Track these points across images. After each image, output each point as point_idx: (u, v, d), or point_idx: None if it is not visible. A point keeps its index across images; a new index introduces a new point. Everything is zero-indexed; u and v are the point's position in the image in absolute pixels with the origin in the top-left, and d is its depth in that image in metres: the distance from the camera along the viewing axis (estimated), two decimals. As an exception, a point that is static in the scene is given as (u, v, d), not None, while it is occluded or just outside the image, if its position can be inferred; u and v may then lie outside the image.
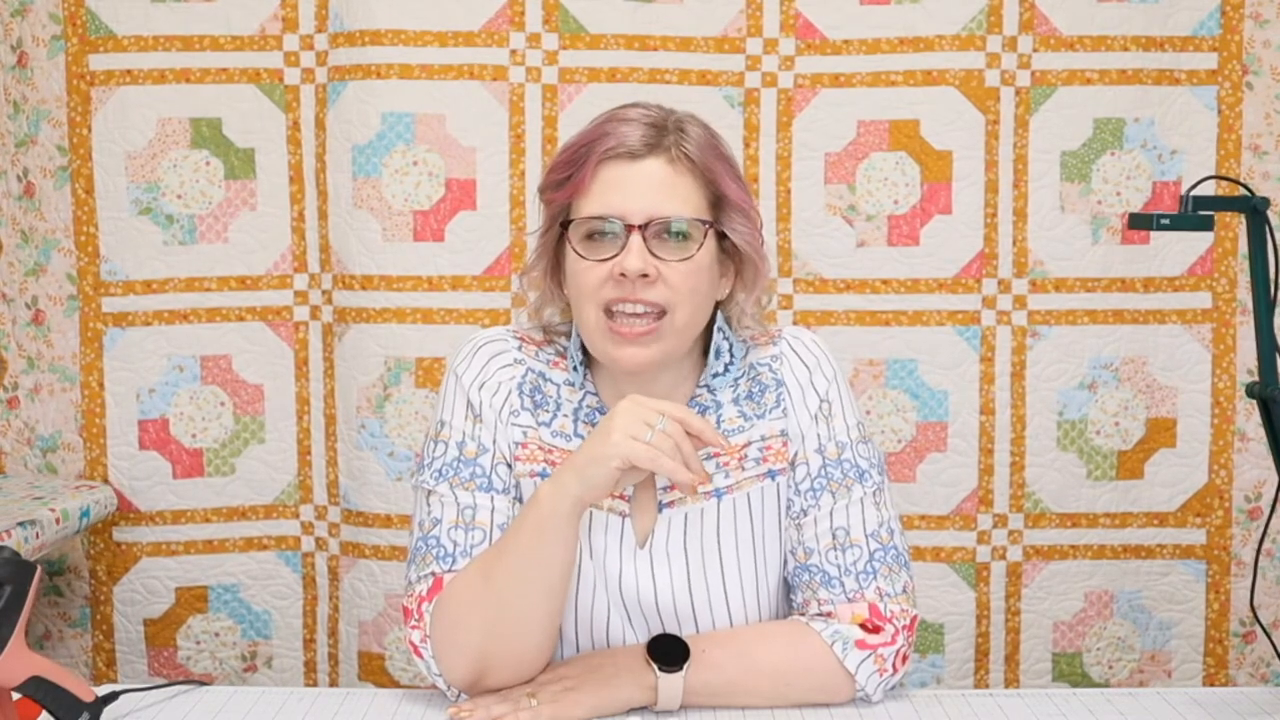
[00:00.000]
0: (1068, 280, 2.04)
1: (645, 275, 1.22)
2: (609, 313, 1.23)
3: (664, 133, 1.26)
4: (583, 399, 1.32)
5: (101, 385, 2.07)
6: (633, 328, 1.23)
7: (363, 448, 2.06)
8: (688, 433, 1.19)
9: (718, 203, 1.27)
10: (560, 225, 1.27)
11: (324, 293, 2.08)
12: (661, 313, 1.23)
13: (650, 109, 1.28)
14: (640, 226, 1.22)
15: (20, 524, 1.75)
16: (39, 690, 1.13)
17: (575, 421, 1.32)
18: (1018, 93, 2.02)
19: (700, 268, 1.25)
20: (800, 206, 2.05)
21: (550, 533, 1.20)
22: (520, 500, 1.31)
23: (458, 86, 2.02)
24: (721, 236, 1.28)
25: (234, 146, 2.07)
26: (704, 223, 1.25)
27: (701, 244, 1.25)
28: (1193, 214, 1.26)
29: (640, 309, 1.23)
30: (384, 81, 2.00)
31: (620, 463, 1.17)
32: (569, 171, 1.26)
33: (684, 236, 1.24)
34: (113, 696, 1.23)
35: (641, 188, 1.24)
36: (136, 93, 2.04)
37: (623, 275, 1.22)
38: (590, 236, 1.25)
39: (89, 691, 1.16)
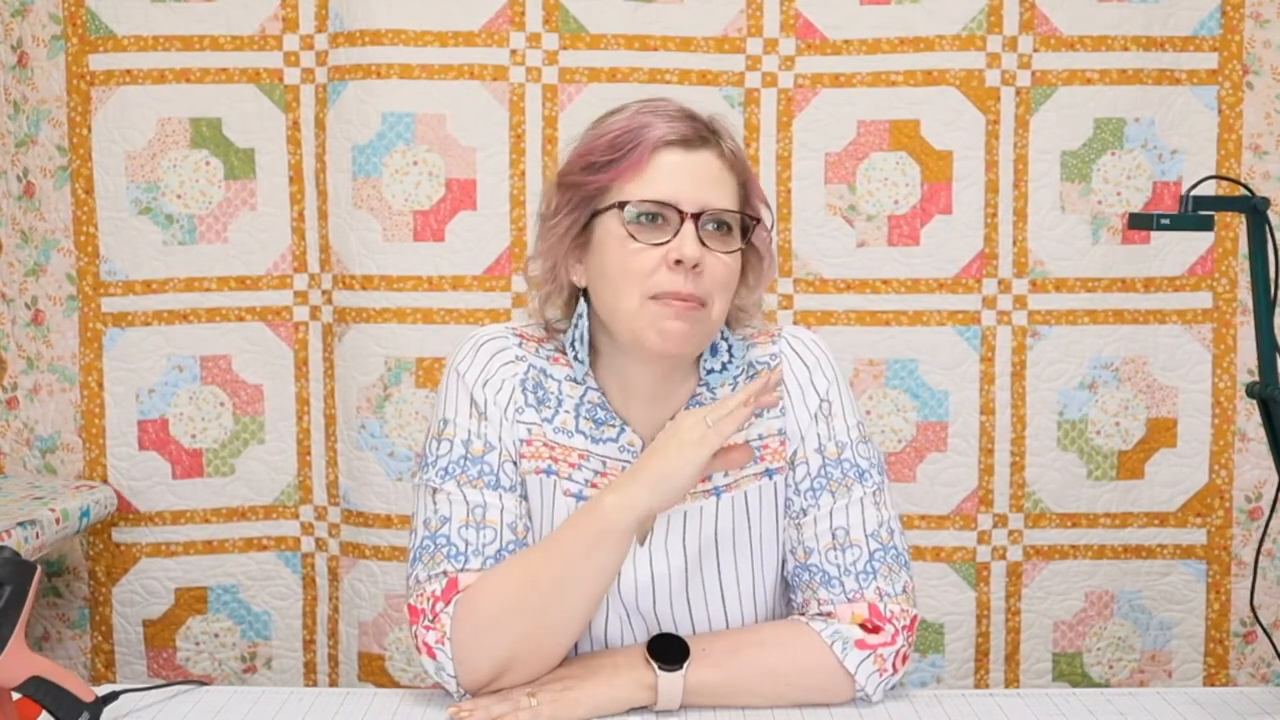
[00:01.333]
0: (1068, 280, 2.04)
1: (696, 265, 1.22)
2: (654, 299, 1.23)
3: (710, 129, 1.28)
4: (584, 394, 1.32)
5: (101, 385, 2.07)
6: (681, 304, 1.23)
7: (363, 448, 2.06)
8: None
9: (746, 201, 1.29)
10: (616, 205, 1.25)
11: (324, 293, 2.08)
12: (702, 303, 1.24)
13: (682, 105, 1.29)
14: (694, 215, 1.23)
15: (20, 524, 1.75)
16: (39, 690, 1.13)
17: (576, 418, 1.32)
18: (1018, 93, 2.02)
19: (734, 261, 1.26)
20: (800, 206, 2.05)
21: (610, 541, 1.20)
22: (526, 498, 1.31)
23: (458, 86, 2.02)
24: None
25: (234, 146, 2.07)
26: (748, 218, 1.27)
27: (743, 239, 1.26)
28: (1193, 214, 1.26)
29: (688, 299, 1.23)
30: (384, 81, 2.00)
31: (707, 455, 1.20)
32: (615, 155, 1.25)
33: (728, 229, 1.25)
34: (113, 696, 1.23)
35: (698, 177, 1.25)
36: (136, 93, 2.04)
37: (678, 262, 1.21)
38: (640, 220, 1.24)
39: (89, 691, 1.16)
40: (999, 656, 2.08)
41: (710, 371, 1.32)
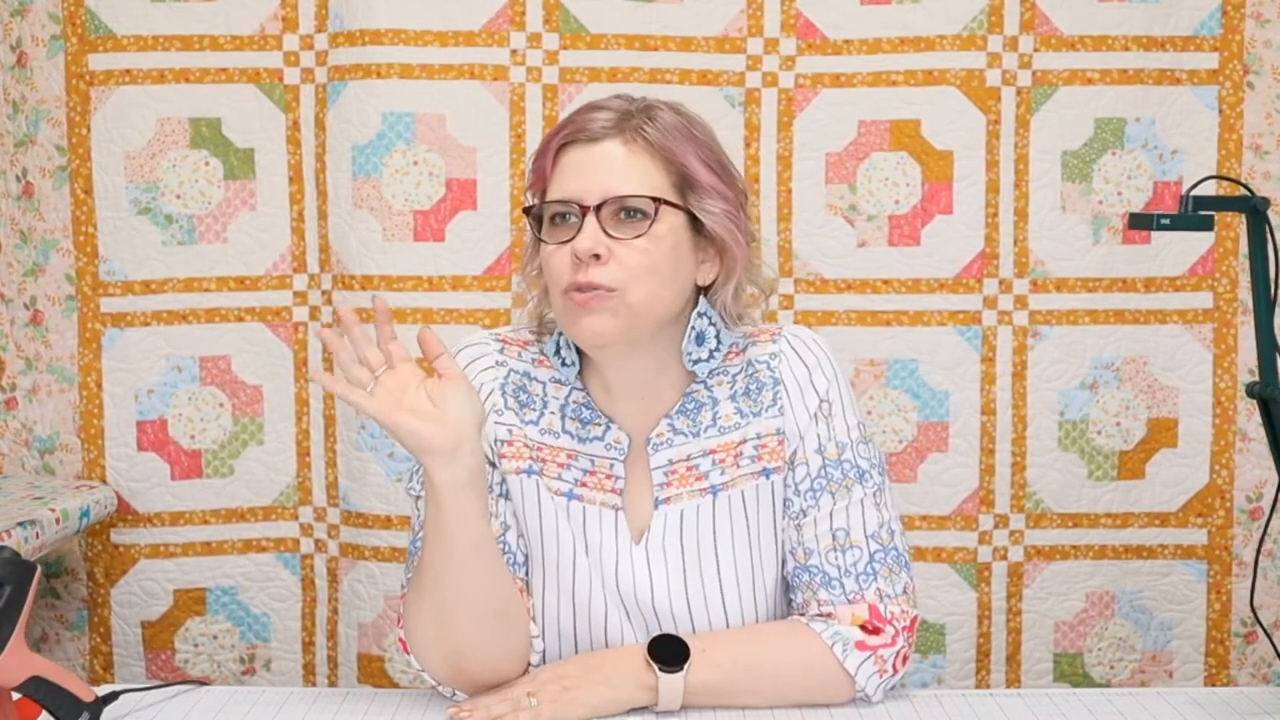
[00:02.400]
0: (1069, 280, 2.04)
1: (597, 256, 1.22)
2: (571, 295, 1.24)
3: (628, 117, 1.27)
4: (569, 395, 1.32)
5: (100, 386, 2.07)
6: (585, 294, 1.23)
7: (362, 449, 2.06)
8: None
9: (684, 184, 1.27)
10: (523, 211, 1.29)
11: (323, 293, 2.08)
12: (610, 290, 1.23)
13: (626, 98, 1.30)
14: (595, 208, 1.23)
15: (20, 524, 1.74)
16: (39, 690, 1.13)
17: (563, 418, 1.32)
18: (1019, 92, 2.02)
19: (655, 245, 1.24)
20: (801, 206, 2.04)
21: (441, 509, 1.19)
22: (506, 497, 1.31)
23: (458, 86, 2.02)
24: (698, 220, 1.28)
25: (233, 146, 2.06)
26: (656, 200, 1.25)
27: (652, 220, 1.24)
28: (1193, 214, 1.26)
29: (593, 289, 1.23)
30: (384, 81, 2.00)
31: (392, 414, 1.18)
32: (537, 165, 1.29)
33: (639, 215, 1.24)
34: (113, 696, 1.22)
35: (596, 169, 1.25)
36: (136, 92, 2.04)
37: (578, 258, 1.23)
38: (553, 221, 1.26)
39: (89, 691, 1.16)
40: (1000, 657, 2.08)
41: (696, 361, 1.31)
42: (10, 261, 2.07)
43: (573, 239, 1.23)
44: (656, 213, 1.24)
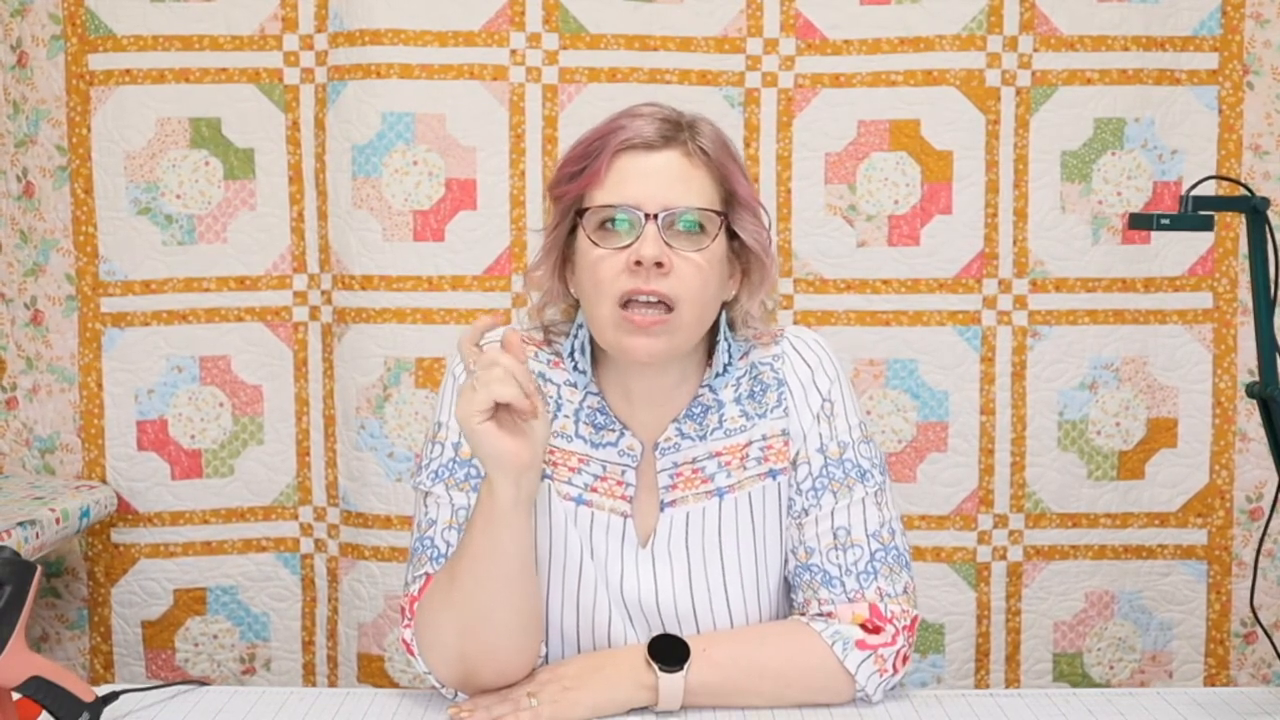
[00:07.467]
0: (1068, 280, 2.04)
1: (660, 264, 1.21)
2: (624, 304, 1.22)
3: (679, 128, 1.26)
4: (584, 399, 1.32)
5: (100, 386, 2.07)
6: (645, 316, 1.22)
7: (362, 448, 2.06)
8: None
9: (729, 200, 1.27)
10: (575, 214, 1.26)
11: (323, 293, 2.08)
12: (671, 307, 1.22)
13: (663, 107, 1.29)
14: (655, 216, 1.22)
15: (20, 524, 1.74)
16: (39, 690, 1.13)
17: (576, 422, 1.32)
18: (1018, 93, 2.02)
19: (712, 261, 1.24)
20: (800, 206, 2.05)
21: (499, 526, 1.18)
22: None
23: (458, 86, 2.02)
24: (731, 236, 1.28)
25: (233, 146, 2.06)
26: (719, 214, 1.25)
27: (715, 236, 1.24)
28: (1193, 214, 1.26)
29: (654, 299, 1.22)
30: (384, 81, 2.00)
31: (478, 419, 1.14)
32: (583, 164, 1.26)
33: (698, 228, 1.24)
34: (113, 696, 1.22)
35: (658, 178, 1.23)
36: (136, 92, 2.04)
37: (638, 264, 1.21)
38: (604, 226, 1.24)
39: (89, 691, 1.16)
40: (999, 657, 2.08)
41: (716, 375, 1.32)
42: (10, 261, 2.07)
43: (630, 245, 1.22)
44: (721, 227, 1.25)
